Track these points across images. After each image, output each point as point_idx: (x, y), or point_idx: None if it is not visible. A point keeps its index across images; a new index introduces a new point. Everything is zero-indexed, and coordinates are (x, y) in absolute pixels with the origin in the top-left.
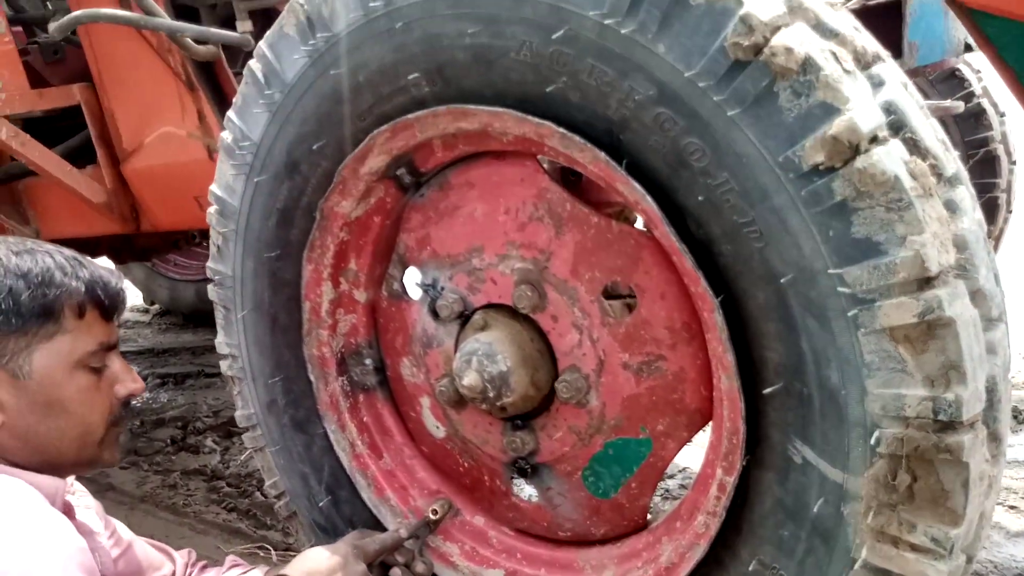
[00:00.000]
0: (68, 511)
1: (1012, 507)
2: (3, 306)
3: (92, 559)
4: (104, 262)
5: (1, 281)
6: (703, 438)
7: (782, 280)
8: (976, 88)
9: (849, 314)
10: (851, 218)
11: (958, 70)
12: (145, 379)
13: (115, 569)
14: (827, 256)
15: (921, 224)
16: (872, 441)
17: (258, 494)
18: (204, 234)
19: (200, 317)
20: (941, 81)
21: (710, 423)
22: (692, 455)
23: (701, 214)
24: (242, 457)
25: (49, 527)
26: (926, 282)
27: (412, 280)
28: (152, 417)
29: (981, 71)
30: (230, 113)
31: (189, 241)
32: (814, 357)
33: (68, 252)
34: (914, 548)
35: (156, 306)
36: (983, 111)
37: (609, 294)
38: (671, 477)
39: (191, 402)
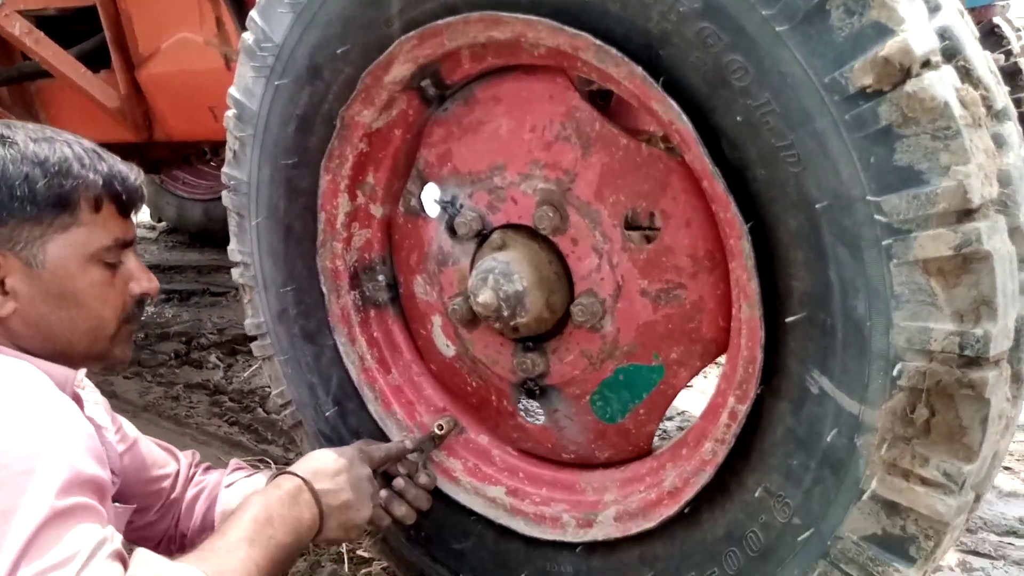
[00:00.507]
0: (77, 401)
1: (1007, 468)
2: (18, 192)
3: (100, 446)
4: None
5: (18, 167)
6: (703, 383)
7: (816, 207)
8: (1015, 46)
9: (883, 244)
10: (894, 145)
11: (998, 27)
12: (151, 303)
13: (120, 464)
14: (865, 183)
15: (967, 154)
16: (894, 374)
17: (260, 410)
18: (215, 150)
19: (207, 236)
20: (980, 36)
21: (723, 355)
22: (692, 400)
23: (737, 136)
24: (245, 374)
25: (58, 410)
26: (966, 214)
27: (430, 197)
28: (156, 331)
29: (1022, 30)
30: (253, 13)
31: (200, 156)
32: (841, 287)
33: (88, 144)
34: (925, 482)
35: (163, 223)
36: (1020, 70)
37: (629, 225)
38: (669, 419)
39: (196, 319)
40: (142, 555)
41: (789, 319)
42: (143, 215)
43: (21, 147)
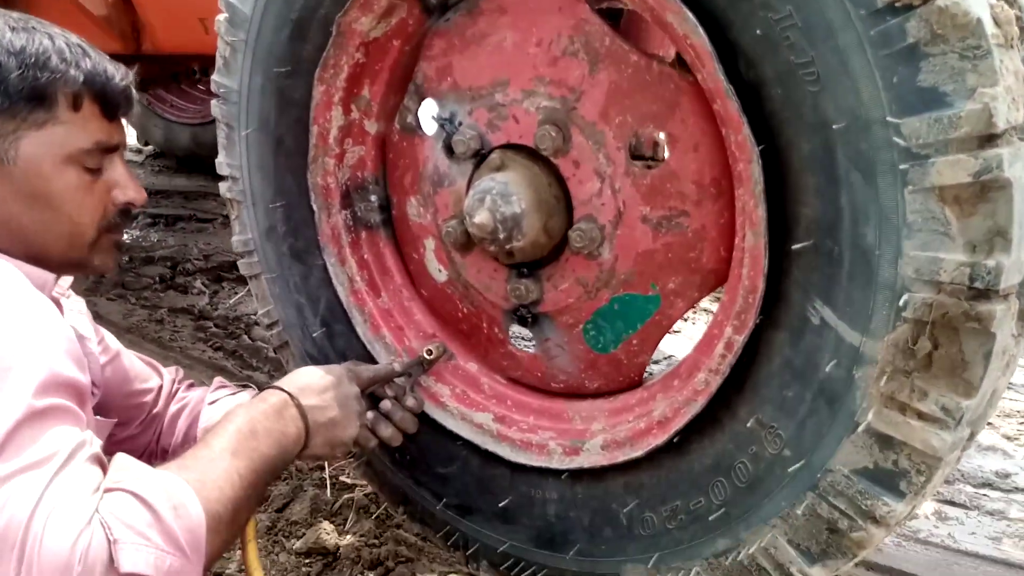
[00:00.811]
0: (56, 306)
1: (987, 423)
2: None
3: (79, 350)
4: None
5: None
6: (688, 329)
7: (833, 129)
8: None
9: (899, 169)
10: (920, 64)
11: None
12: (135, 217)
13: (102, 376)
14: (886, 104)
15: (996, 76)
16: (899, 304)
17: (245, 337)
18: (204, 70)
19: (194, 161)
20: None
21: (721, 287)
22: (677, 344)
23: (755, 53)
24: (231, 301)
25: (36, 310)
26: (988, 140)
27: (427, 113)
28: (141, 255)
29: None
30: None
31: (189, 75)
32: (852, 214)
33: (75, 38)
34: (921, 416)
35: (150, 147)
36: None
37: (632, 154)
38: (655, 362)
39: (182, 244)
40: (122, 460)
41: (795, 247)
42: (129, 137)
43: None
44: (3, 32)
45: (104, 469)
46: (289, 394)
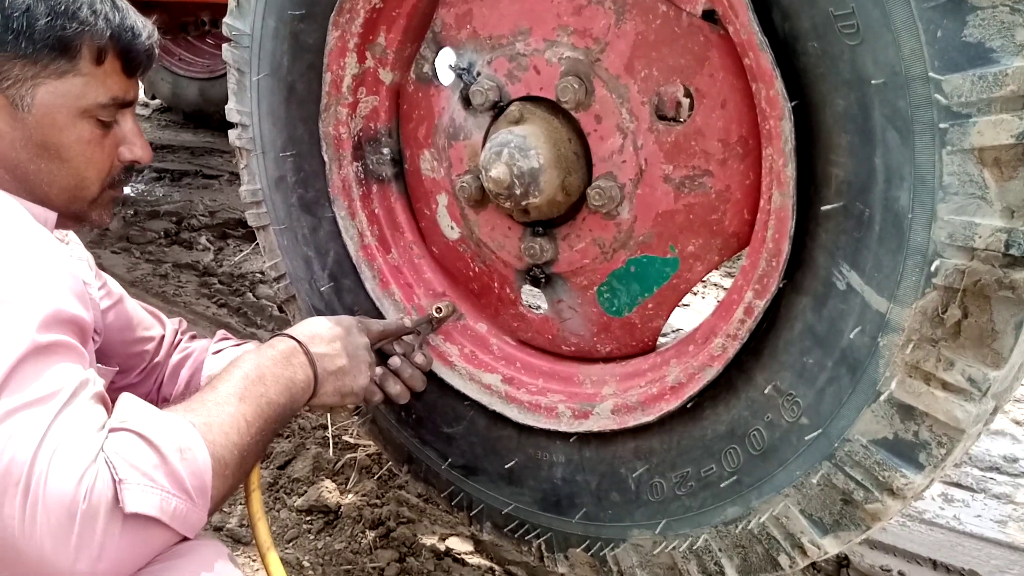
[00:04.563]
0: None
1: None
2: (15, 25)
3: (83, 288)
4: None
5: None
6: (699, 303)
7: (870, 84)
8: None
9: (938, 128)
10: (967, 17)
11: None
12: (140, 171)
13: (104, 321)
14: (929, 60)
15: None
16: (930, 270)
17: (250, 294)
18: (214, 22)
19: (201, 117)
20: None
21: (742, 251)
22: (687, 318)
23: (792, 4)
24: (236, 258)
25: (40, 245)
26: None
27: (445, 63)
28: (146, 208)
29: None
30: None
31: (198, 27)
32: (886, 175)
33: None
34: (946, 387)
35: (157, 100)
36: None
37: (657, 110)
38: (664, 335)
39: (187, 200)
40: (127, 400)
41: (824, 208)
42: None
43: None
44: None
45: (108, 408)
46: (298, 341)
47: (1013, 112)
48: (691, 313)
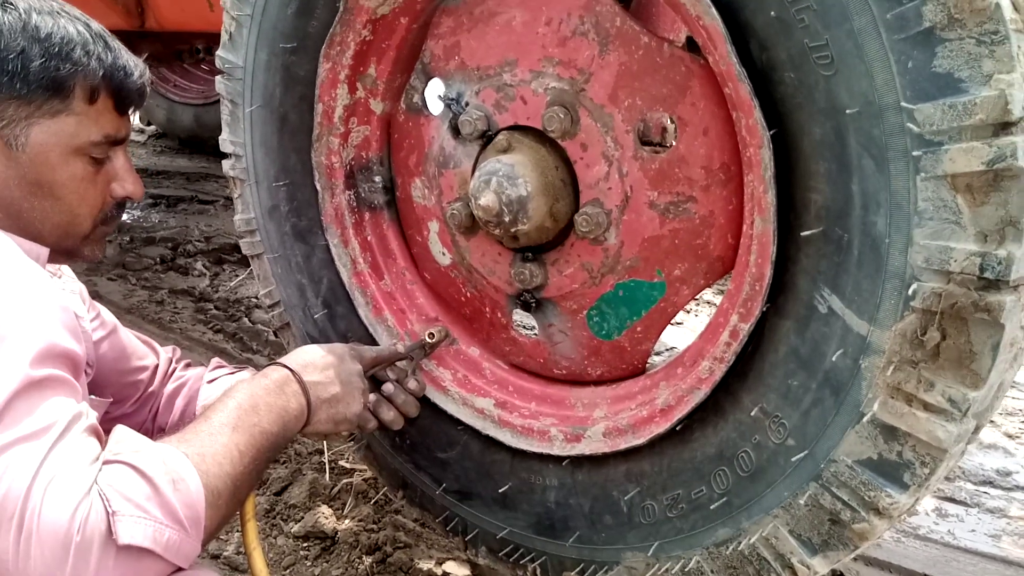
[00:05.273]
0: None
1: (990, 421)
2: (9, 67)
3: (75, 321)
4: None
5: (15, 38)
6: (691, 321)
7: (846, 113)
8: None
9: (912, 156)
10: (936, 49)
11: None
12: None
13: (98, 352)
14: (900, 89)
15: (1012, 62)
16: (908, 294)
17: (246, 320)
18: (208, 49)
19: (196, 143)
20: None
21: (726, 275)
22: (679, 336)
23: (769, 35)
24: (232, 283)
25: (32, 281)
26: (1003, 127)
27: (434, 93)
28: (142, 235)
29: None
30: None
31: (192, 54)
32: (863, 201)
33: (97, 27)
34: (927, 407)
35: (152, 127)
36: None
37: (641, 138)
38: (657, 354)
39: (183, 225)
40: (121, 432)
41: (804, 233)
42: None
43: (23, 16)
44: (29, 15)
45: (101, 441)
46: (291, 370)
47: (983, 140)
48: (683, 332)
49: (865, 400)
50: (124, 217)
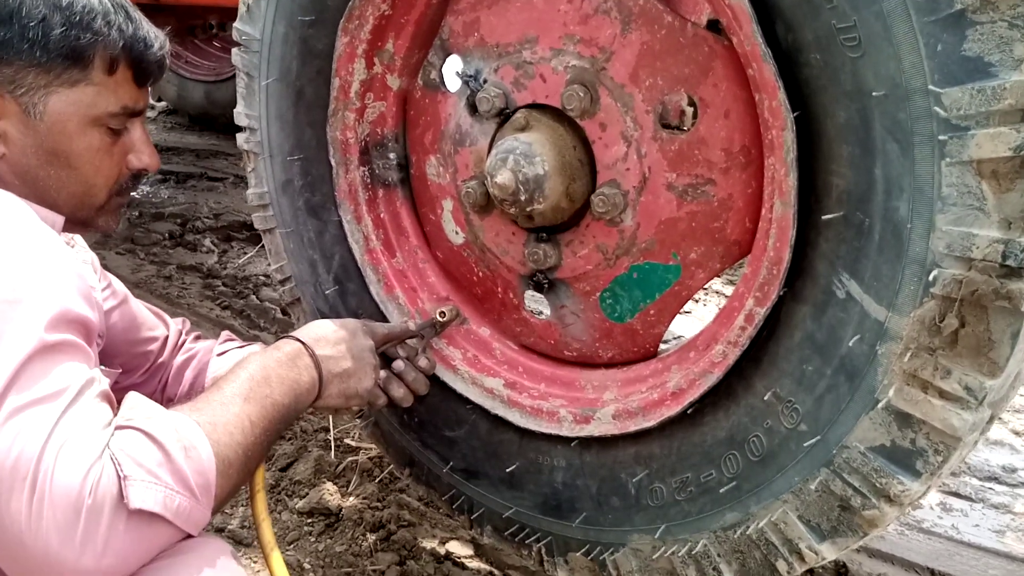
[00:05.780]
0: None
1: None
2: (31, 35)
3: (89, 288)
4: None
5: (36, 6)
6: (700, 310)
7: (871, 96)
8: None
9: (937, 140)
10: (966, 32)
11: None
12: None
13: (108, 321)
14: (928, 73)
15: None
16: (928, 280)
17: (253, 297)
18: (222, 25)
19: (206, 120)
20: None
21: (743, 259)
22: (688, 325)
23: (795, 16)
24: (240, 260)
25: (47, 246)
26: None
27: (452, 70)
28: (151, 210)
29: None
30: None
31: (205, 29)
32: (885, 185)
33: None
34: (943, 395)
35: (163, 103)
36: None
37: (660, 121)
38: (665, 342)
39: (192, 202)
40: (133, 399)
41: (825, 217)
42: None
43: None
44: None
45: (113, 407)
46: (304, 343)
47: (1011, 125)
48: (692, 320)
49: (880, 386)
50: (133, 193)
